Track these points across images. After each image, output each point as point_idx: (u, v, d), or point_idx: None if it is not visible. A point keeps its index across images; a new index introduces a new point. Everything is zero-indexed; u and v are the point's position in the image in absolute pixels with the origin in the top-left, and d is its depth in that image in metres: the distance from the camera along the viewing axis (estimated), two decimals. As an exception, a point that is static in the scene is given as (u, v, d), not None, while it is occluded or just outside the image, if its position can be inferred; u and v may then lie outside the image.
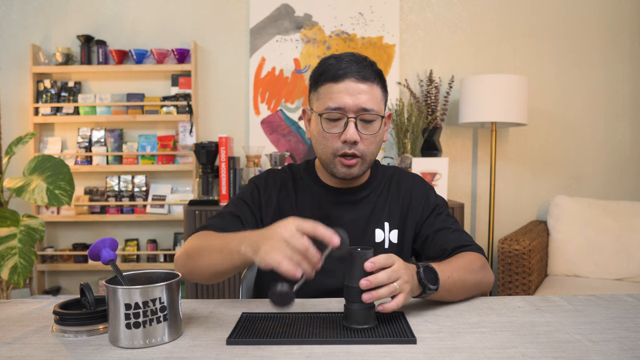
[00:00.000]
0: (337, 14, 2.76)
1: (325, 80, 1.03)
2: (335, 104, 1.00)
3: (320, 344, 0.75)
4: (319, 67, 1.06)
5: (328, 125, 1.03)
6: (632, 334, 0.78)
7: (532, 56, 2.80)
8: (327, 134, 1.03)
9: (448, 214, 1.16)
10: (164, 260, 2.75)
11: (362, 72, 1.02)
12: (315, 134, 1.06)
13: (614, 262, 2.40)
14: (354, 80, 1.01)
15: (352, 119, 1.01)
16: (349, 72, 1.01)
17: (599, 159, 2.84)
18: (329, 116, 1.02)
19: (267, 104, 2.77)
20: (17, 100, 2.80)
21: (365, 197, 1.13)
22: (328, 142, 1.03)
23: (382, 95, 1.06)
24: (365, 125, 1.03)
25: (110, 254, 0.83)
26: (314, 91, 1.07)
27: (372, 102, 1.02)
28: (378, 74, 1.06)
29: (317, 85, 1.05)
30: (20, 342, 0.77)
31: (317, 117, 1.04)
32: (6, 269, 2.06)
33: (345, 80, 1.01)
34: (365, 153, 1.04)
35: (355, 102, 1.00)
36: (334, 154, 1.04)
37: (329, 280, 1.07)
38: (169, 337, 0.76)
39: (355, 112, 1.01)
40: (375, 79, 1.04)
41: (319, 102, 1.04)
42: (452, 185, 2.82)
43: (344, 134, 1.01)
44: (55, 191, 2.20)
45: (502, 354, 0.71)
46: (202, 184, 2.51)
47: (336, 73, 1.01)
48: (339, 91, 1.01)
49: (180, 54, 2.71)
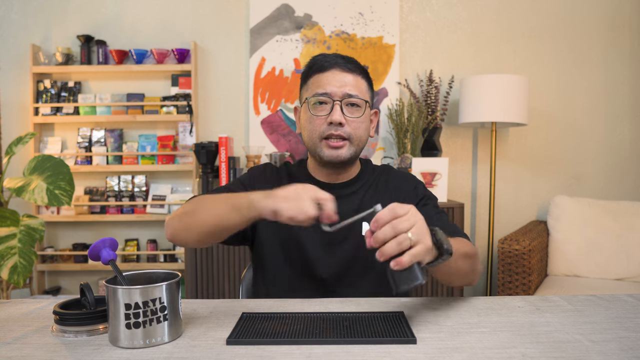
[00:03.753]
0: (337, 14, 2.76)
1: (313, 72, 1.10)
2: (322, 90, 1.07)
3: (320, 344, 0.75)
4: (308, 63, 1.13)
5: (315, 109, 1.08)
6: (632, 334, 0.78)
7: (532, 56, 2.80)
8: (314, 117, 1.08)
9: (436, 206, 1.16)
10: (164, 260, 2.75)
11: (347, 64, 1.09)
12: (303, 122, 1.12)
13: (614, 262, 2.40)
14: (340, 70, 1.08)
15: (338, 102, 1.06)
16: (334, 64, 1.09)
17: (599, 159, 2.84)
18: (316, 100, 1.08)
19: (267, 104, 2.77)
20: (17, 100, 2.80)
21: (354, 192, 1.15)
22: (315, 126, 1.08)
23: (367, 88, 1.12)
24: (351, 109, 1.08)
25: (110, 254, 0.83)
26: (304, 85, 1.14)
27: (357, 89, 1.08)
28: (363, 70, 1.12)
29: (307, 78, 1.13)
30: (20, 342, 0.77)
31: (306, 105, 1.10)
32: (6, 268, 2.06)
33: (332, 69, 1.08)
34: (352, 136, 1.08)
35: (341, 89, 1.07)
36: (320, 136, 1.08)
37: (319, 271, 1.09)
38: (169, 337, 0.76)
39: (341, 97, 1.07)
40: (360, 73, 1.10)
41: (308, 92, 1.11)
42: (452, 185, 2.82)
43: (330, 115, 1.06)
44: (55, 191, 2.20)
45: (502, 354, 0.71)
46: (202, 184, 2.51)
47: (323, 65, 1.09)
48: (326, 79, 1.08)
49: (180, 54, 2.72)
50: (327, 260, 1.09)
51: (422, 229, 0.75)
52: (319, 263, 1.09)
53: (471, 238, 2.84)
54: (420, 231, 0.75)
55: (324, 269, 1.09)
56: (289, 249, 1.11)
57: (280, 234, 1.11)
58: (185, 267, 2.31)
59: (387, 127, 2.76)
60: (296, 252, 1.10)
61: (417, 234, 0.74)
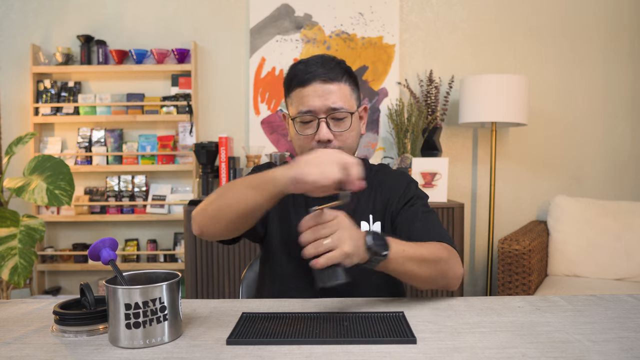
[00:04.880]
0: (337, 14, 2.76)
1: (295, 86, 1.09)
2: (305, 107, 1.06)
3: (320, 344, 0.75)
4: (289, 74, 1.11)
5: (301, 128, 1.08)
6: (632, 334, 0.78)
7: (532, 56, 2.80)
8: (302, 137, 1.08)
9: (425, 205, 1.14)
10: (164, 260, 2.75)
11: (328, 73, 1.06)
12: (292, 136, 1.12)
13: (614, 262, 2.40)
14: (321, 82, 1.06)
15: (323, 119, 1.06)
16: (316, 76, 1.06)
17: (598, 159, 2.84)
18: (301, 119, 1.07)
19: (267, 104, 2.77)
20: (17, 100, 2.80)
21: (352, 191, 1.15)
22: (304, 144, 1.08)
23: (351, 92, 1.11)
24: (337, 123, 1.07)
25: (110, 254, 0.83)
26: (288, 97, 1.13)
27: (341, 100, 1.06)
28: (346, 71, 1.10)
29: (289, 91, 1.11)
30: (20, 342, 0.77)
31: (291, 121, 1.10)
32: (6, 269, 2.06)
33: (313, 83, 1.06)
34: (342, 147, 1.08)
35: (324, 103, 1.05)
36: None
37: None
38: (169, 337, 0.76)
39: (325, 112, 1.06)
40: (342, 77, 1.08)
41: (292, 107, 1.10)
42: (452, 185, 2.82)
43: (317, 134, 1.05)
44: (55, 191, 2.20)
45: (502, 354, 0.71)
46: (202, 184, 2.51)
47: (304, 78, 1.06)
48: (308, 94, 1.06)
49: (180, 54, 2.71)
50: None
51: (341, 235, 0.82)
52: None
53: (471, 238, 2.84)
54: (339, 237, 0.81)
55: None
56: (293, 245, 1.11)
57: (285, 230, 1.11)
58: (185, 267, 2.31)
59: (387, 127, 2.76)
60: (300, 248, 1.10)
61: (334, 240, 0.81)
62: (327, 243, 0.81)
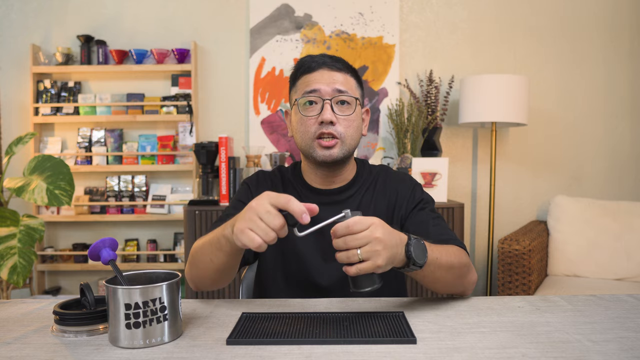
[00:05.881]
0: (337, 14, 2.76)
1: (301, 73, 1.10)
2: (311, 88, 1.06)
3: (320, 344, 0.75)
4: (296, 66, 1.13)
5: (306, 110, 1.08)
6: (632, 334, 0.78)
7: (532, 56, 2.80)
8: (305, 118, 1.07)
9: (433, 209, 1.14)
10: (164, 260, 2.75)
11: (335, 63, 1.09)
12: (295, 125, 1.11)
13: (614, 262, 2.40)
14: (328, 69, 1.08)
15: (328, 101, 1.05)
16: (322, 63, 1.08)
17: (598, 159, 2.84)
18: (306, 99, 1.07)
19: (267, 104, 2.77)
20: (17, 100, 2.80)
21: (351, 196, 1.13)
22: (306, 127, 1.07)
23: (356, 85, 1.11)
24: (341, 108, 1.07)
25: (110, 254, 0.83)
26: (293, 87, 1.13)
27: (347, 86, 1.08)
28: (352, 68, 1.12)
29: (295, 80, 1.12)
30: (20, 342, 0.77)
31: (296, 107, 1.09)
32: (6, 268, 2.06)
33: (320, 69, 1.08)
34: (344, 135, 1.06)
35: (331, 85, 1.06)
36: (312, 137, 1.06)
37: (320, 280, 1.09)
38: (169, 337, 0.76)
39: (331, 94, 1.06)
40: (348, 72, 1.10)
41: (297, 93, 1.10)
42: (452, 185, 2.82)
43: (321, 115, 1.05)
44: (55, 191, 2.20)
45: (502, 354, 0.71)
46: (202, 184, 2.51)
47: (310, 65, 1.09)
48: (315, 78, 1.07)
49: (180, 54, 2.71)
50: (327, 269, 1.08)
51: (374, 247, 0.78)
52: (319, 272, 1.08)
53: (471, 238, 2.85)
54: (371, 249, 0.78)
55: (324, 278, 1.08)
56: (288, 262, 1.11)
57: (278, 248, 1.08)
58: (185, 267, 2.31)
59: (387, 127, 2.76)
60: (296, 265, 1.10)
61: (367, 252, 0.78)
62: (359, 254, 0.78)
